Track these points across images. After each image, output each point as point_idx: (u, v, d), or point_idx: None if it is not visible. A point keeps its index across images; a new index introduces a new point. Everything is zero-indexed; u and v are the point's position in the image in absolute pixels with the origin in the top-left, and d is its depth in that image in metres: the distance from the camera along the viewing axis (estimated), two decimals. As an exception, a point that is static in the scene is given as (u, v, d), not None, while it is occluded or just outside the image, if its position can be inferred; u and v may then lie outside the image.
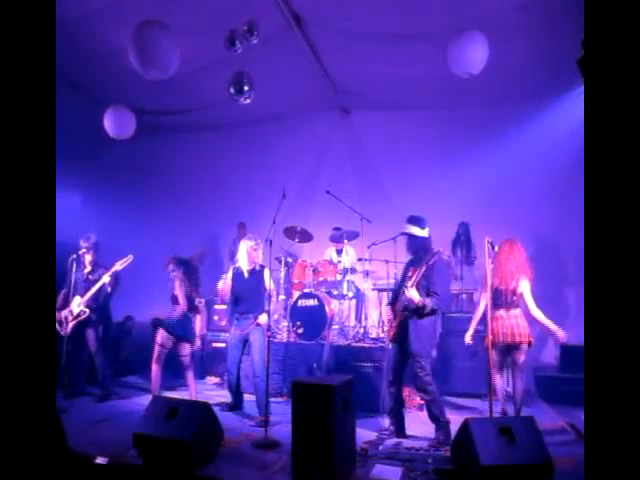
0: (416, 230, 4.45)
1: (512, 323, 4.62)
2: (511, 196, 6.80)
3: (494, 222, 6.26)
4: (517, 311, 4.68)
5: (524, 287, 4.65)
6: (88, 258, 5.75)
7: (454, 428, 3.92)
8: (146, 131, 7.55)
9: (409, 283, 4.22)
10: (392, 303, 4.60)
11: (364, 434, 4.40)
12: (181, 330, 5.35)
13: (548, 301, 6.72)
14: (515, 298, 4.67)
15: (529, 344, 4.63)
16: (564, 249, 6.72)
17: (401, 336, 4.37)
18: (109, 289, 5.72)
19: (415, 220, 4.50)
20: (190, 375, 5.48)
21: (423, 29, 5.30)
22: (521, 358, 4.66)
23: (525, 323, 4.64)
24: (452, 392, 5.80)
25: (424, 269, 4.24)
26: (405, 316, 4.34)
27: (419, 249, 4.43)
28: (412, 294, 4.19)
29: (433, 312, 4.27)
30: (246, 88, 5.26)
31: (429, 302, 4.21)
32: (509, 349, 4.70)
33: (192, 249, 6.02)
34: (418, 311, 4.25)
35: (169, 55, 4.54)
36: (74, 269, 5.53)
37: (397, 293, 4.57)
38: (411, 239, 4.48)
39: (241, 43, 4.88)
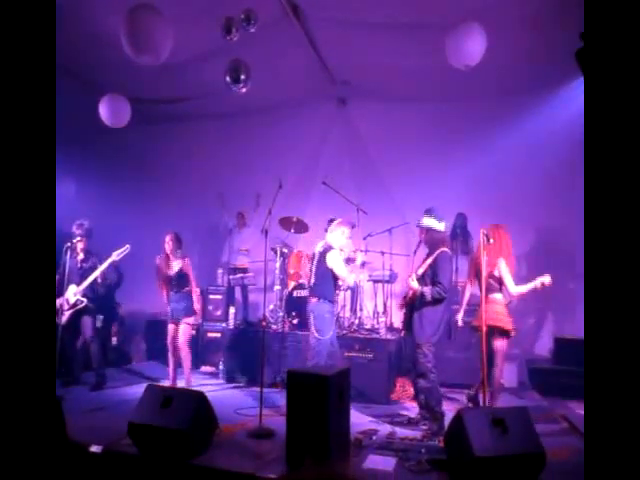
0: (434, 223, 4.45)
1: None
2: (510, 187, 6.79)
3: (493, 214, 6.25)
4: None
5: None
6: (80, 245, 5.71)
7: (447, 419, 3.95)
8: (143, 120, 7.50)
9: (416, 272, 4.39)
10: (405, 296, 4.65)
11: (359, 424, 4.43)
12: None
13: (545, 292, 6.80)
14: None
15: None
16: (562, 240, 6.73)
17: (409, 324, 4.45)
18: (99, 280, 5.69)
19: (433, 213, 4.50)
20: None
21: (422, 20, 5.26)
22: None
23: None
24: (445, 383, 5.81)
25: (430, 260, 4.37)
26: (410, 305, 4.42)
27: (438, 243, 4.43)
28: (412, 283, 4.36)
29: (436, 301, 4.27)
30: (242, 77, 5.22)
31: (427, 290, 4.25)
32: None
33: (187, 238, 5.96)
34: (421, 300, 4.30)
35: (162, 40, 4.46)
36: (68, 257, 5.48)
37: None
38: (429, 233, 4.46)
39: (237, 31, 4.83)
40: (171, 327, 5.54)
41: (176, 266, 5.54)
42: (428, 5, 5.06)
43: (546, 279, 4.58)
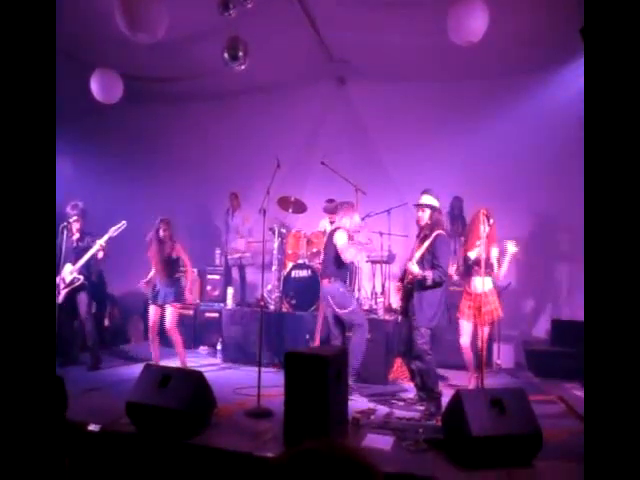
0: (435, 202, 4.45)
1: None
2: (510, 169, 6.74)
3: (493, 195, 6.22)
4: None
5: None
6: (76, 226, 5.71)
7: (445, 399, 3.96)
8: (140, 99, 7.40)
9: (414, 257, 4.34)
10: (401, 278, 4.63)
11: (356, 404, 4.45)
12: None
13: (543, 275, 6.83)
14: None
15: None
16: (562, 223, 6.71)
17: (407, 307, 4.44)
18: (101, 254, 5.68)
19: (431, 192, 4.49)
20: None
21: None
22: None
23: None
24: (443, 364, 5.83)
25: (428, 243, 4.32)
26: (409, 288, 4.39)
27: (437, 223, 4.42)
28: (412, 267, 4.29)
29: (436, 284, 4.27)
30: (240, 54, 5.14)
31: (429, 274, 4.22)
32: None
33: (185, 218, 5.92)
34: (420, 283, 4.28)
35: (157, 18, 4.38)
36: (64, 237, 5.47)
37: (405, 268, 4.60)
38: (432, 212, 4.44)
39: (235, 7, 4.73)
40: (154, 310, 5.47)
41: (167, 250, 5.51)
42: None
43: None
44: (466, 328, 4.91)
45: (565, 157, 6.07)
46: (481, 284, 4.59)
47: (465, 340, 4.92)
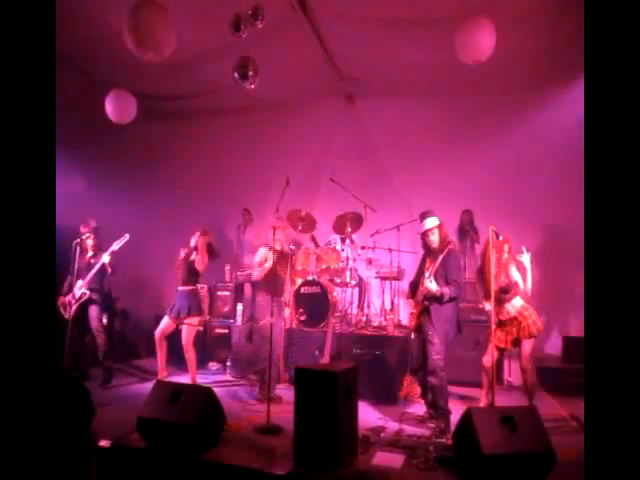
0: (438, 221, 4.48)
1: None
2: (521, 185, 6.73)
3: (503, 211, 6.21)
4: None
5: None
6: (90, 243, 5.78)
7: (455, 416, 3.93)
8: (150, 116, 7.51)
9: (427, 274, 4.32)
10: (411, 295, 4.64)
11: (367, 421, 4.42)
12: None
13: (555, 291, 6.76)
14: None
15: None
16: (577, 239, 6.64)
17: (422, 324, 4.43)
18: (109, 269, 5.73)
19: (430, 213, 4.54)
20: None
21: (431, 14, 5.22)
22: None
23: None
24: (453, 381, 5.78)
25: (440, 259, 4.32)
26: (425, 305, 4.39)
27: (446, 239, 4.45)
28: (430, 285, 4.25)
29: (452, 300, 4.29)
30: (251, 73, 5.21)
31: (447, 291, 4.23)
32: None
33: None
34: (437, 300, 4.29)
35: (165, 37, 4.44)
36: (77, 255, 5.53)
37: (416, 285, 4.59)
38: (440, 230, 4.47)
39: (246, 27, 4.82)
40: (166, 321, 5.49)
41: (193, 259, 5.55)
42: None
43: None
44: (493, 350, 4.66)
45: (578, 170, 6.04)
46: (512, 308, 4.64)
47: (488, 360, 4.68)
